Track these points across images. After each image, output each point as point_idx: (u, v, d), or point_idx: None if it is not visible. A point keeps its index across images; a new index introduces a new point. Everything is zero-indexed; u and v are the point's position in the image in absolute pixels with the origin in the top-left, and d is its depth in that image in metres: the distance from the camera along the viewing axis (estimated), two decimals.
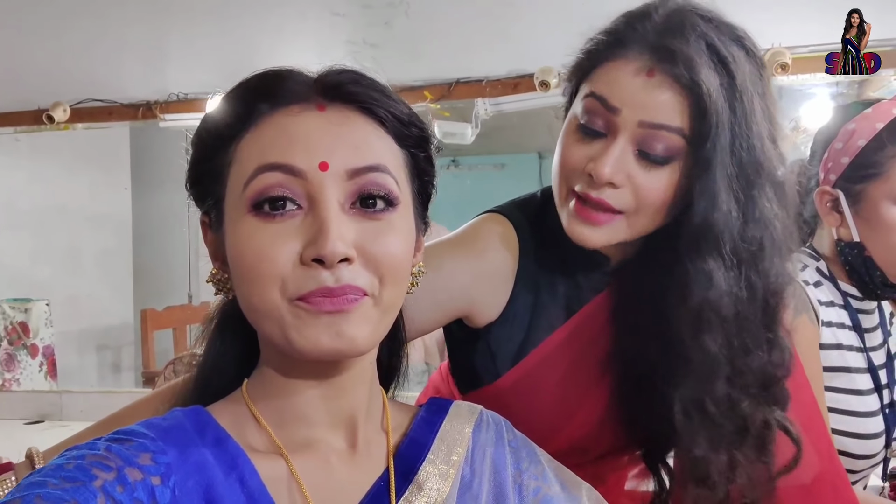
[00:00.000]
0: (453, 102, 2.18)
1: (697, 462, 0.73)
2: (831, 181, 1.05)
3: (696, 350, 0.71)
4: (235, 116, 0.55)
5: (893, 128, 1.00)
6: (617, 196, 0.72)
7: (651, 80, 0.70)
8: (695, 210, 0.70)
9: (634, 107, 0.70)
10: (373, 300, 0.53)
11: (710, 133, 0.68)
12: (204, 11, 2.27)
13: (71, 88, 2.34)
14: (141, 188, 3.12)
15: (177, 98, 2.30)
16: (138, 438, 0.52)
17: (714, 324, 0.70)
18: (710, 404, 0.71)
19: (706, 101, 0.68)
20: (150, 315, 2.87)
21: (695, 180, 0.70)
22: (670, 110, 0.69)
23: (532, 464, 0.63)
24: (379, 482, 0.57)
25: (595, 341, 0.82)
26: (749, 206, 0.71)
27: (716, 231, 0.70)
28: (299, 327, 0.51)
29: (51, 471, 0.48)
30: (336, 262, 0.50)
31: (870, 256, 1.03)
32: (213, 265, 0.58)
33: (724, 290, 0.70)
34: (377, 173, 0.53)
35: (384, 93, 0.56)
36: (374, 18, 2.16)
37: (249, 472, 0.53)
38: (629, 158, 0.71)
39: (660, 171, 0.71)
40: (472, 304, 0.81)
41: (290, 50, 2.15)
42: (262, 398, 0.57)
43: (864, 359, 1.06)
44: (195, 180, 0.58)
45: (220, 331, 0.62)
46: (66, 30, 2.30)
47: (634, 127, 0.71)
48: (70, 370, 2.76)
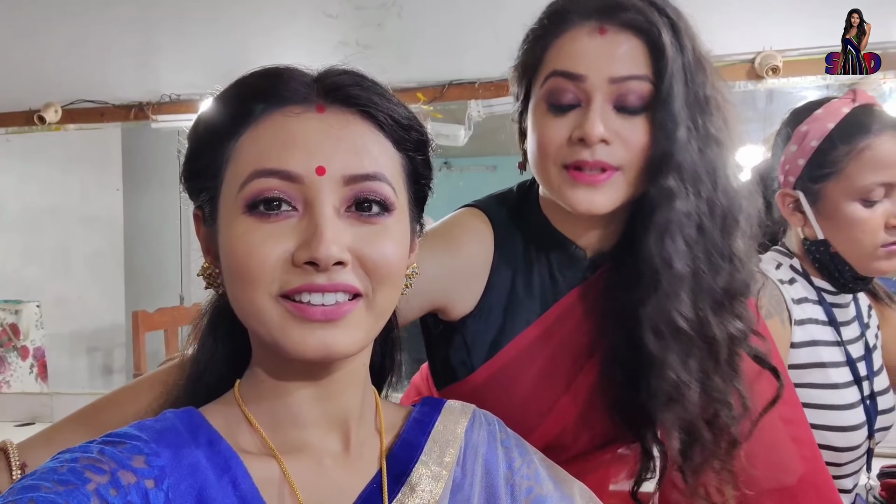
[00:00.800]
0: (446, 104, 2.18)
1: (672, 384, 0.75)
2: (791, 183, 1.08)
3: (663, 266, 0.74)
4: (233, 114, 0.54)
5: (843, 127, 1.03)
6: (611, 152, 0.75)
7: (605, 37, 0.74)
8: (656, 138, 0.74)
9: (599, 67, 0.73)
10: (366, 302, 0.53)
11: (667, 69, 0.73)
12: (196, 12, 2.27)
13: (62, 89, 2.34)
14: (132, 189, 3.11)
15: (169, 99, 2.29)
16: (132, 441, 0.52)
17: (678, 238, 0.74)
18: (679, 319, 0.74)
19: (659, 40, 0.73)
20: (142, 316, 2.86)
21: (656, 114, 0.74)
22: (632, 59, 0.74)
23: (524, 463, 0.64)
24: (371, 484, 0.57)
25: (572, 337, 0.82)
26: (703, 133, 0.75)
27: (675, 156, 0.74)
28: (286, 329, 0.51)
29: (44, 474, 0.47)
30: (330, 266, 0.50)
31: (836, 252, 1.05)
32: (205, 259, 0.58)
33: (685, 207, 0.74)
34: (374, 182, 0.53)
35: (384, 96, 0.55)
36: (367, 20, 2.16)
37: (242, 475, 0.53)
38: (611, 115, 0.74)
39: (638, 120, 0.75)
40: (446, 297, 0.82)
41: (282, 51, 2.14)
42: (254, 399, 0.57)
43: (841, 352, 1.08)
44: (190, 175, 0.58)
45: (212, 328, 0.62)
46: (58, 31, 2.30)
47: (605, 85, 0.74)
48: (61, 372, 2.74)
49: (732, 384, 0.77)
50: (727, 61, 2.00)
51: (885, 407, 1.11)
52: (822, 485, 0.86)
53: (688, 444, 0.78)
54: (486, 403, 0.70)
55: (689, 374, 0.75)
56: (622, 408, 0.80)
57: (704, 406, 0.76)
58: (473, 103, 2.16)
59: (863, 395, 1.07)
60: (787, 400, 0.84)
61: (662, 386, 0.75)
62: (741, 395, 0.77)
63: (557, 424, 0.83)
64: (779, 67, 1.95)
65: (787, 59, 1.97)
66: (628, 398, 0.79)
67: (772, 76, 1.95)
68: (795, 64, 1.98)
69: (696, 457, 0.78)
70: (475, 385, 0.82)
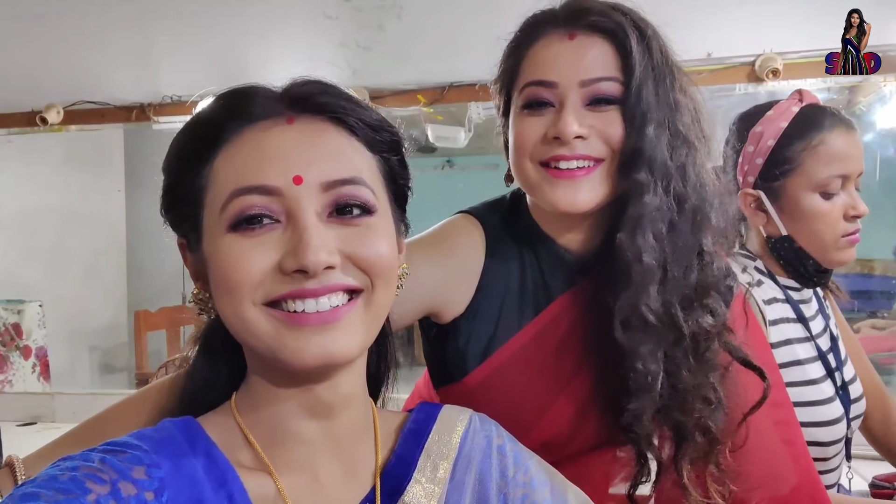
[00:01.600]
0: (446, 106, 2.18)
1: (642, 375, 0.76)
2: (750, 183, 1.11)
3: (634, 260, 0.75)
4: (204, 140, 0.54)
5: (797, 124, 1.08)
6: (588, 145, 0.77)
7: (574, 42, 0.77)
8: (628, 133, 0.77)
9: (569, 73, 0.77)
10: (365, 299, 0.53)
11: (635, 69, 0.76)
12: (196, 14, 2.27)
13: (64, 90, 2.34)
14: (134, 190, 3.12)
15: (170, 100, 2.29)
16: (132, 451, 0.51)
17: (647, 233, 0.76)
18: (647, 312, 0.75)
19: (626, 41, 0.76)
20: (144, 316, 2.87)
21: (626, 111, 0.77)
22: (600, 63, 0.77)
23: (519, 470, 0.63)
24: (365, 501, 0.57)
25: (567, 339, 0.83)
26: (672, 132, 0.77)
27: (645, 151, 0.76)
28: (280, 338, 0.51)
29: (44, 482, 0.47)
30: (320, 271, 0.50)
31: (800, 247, 1.09)
32: (195, 285, 0.58)
33: (655, 201, 0.76)
34: (352, 185, 0.53)
35: (352, 101, 0.56)
36: (367, 21, 2.16)
37: (238, 490, 0.52)
38: (584, 113, 0.77)
39: (611, 113, 0.77)
40: (439, 301, 0.83)
41: (282, 52, 2.14)
42: (251, 412, 0.57)
43: (813, 347, 1.10)
44: (170, 206, 0.58)
45: (206, 353, 0.61)
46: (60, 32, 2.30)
47: (577, 88, 0.77)
48: (62, 371, 2.75)
49: (707, 378, 0.78)
50: (728, 64, 2.00)
51: (856, 395, 1.14)
52: (817, 493, 0.86)
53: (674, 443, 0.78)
54: (482, 404, 0.70)
55: (658, 365, 0.76)
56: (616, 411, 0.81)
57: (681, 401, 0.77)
58: (473, 105, 2.16)
59: (836, 387, 1.10)
60: (779, 402, 0.85)
61: (633, 376, 0.76)
62: (715, 389, 0.78)
63: (553, 425, 0.83)
64: (779, 70, 1.95)
65: (788, 62, 1.97)
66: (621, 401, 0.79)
67: (772, 79, 1.95)
68: (796, 66, 1.98)
69: (682, 454, 0.78)
70: (471, 386, 0.83)
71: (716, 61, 1.96)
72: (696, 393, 0.78)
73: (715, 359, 0.79)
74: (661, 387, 0.77)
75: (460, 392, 0.83)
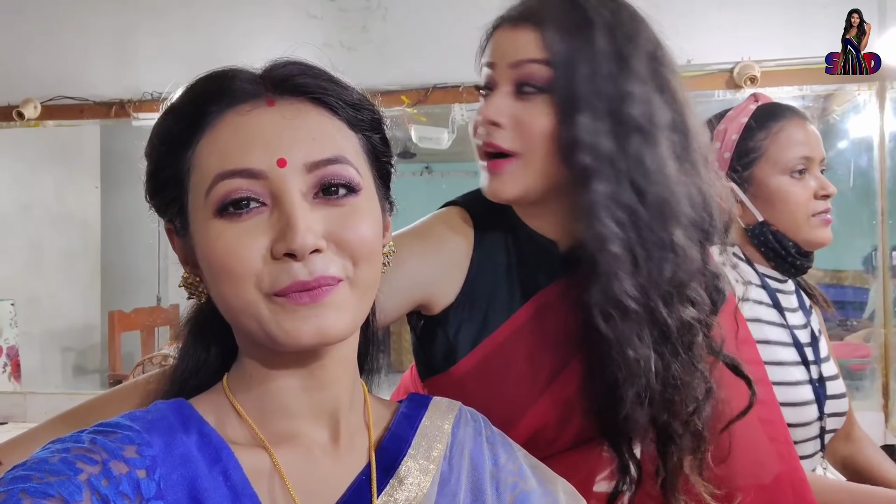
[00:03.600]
0: (430, 107, 2.19)
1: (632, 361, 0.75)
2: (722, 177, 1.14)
3: (596, 247, 0.75)
4: (186, 123, 0.54)
5: (756, 118, 1.16)
6: (503, 136, 0.78)
7: (515, 28, 0.79)
8: (561, 122, 0.76)
9: (503, 54, 0.79)
10: (349, 283, 0.53)
11: (566, 55, 0.76)
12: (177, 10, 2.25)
13: (42, 85, 2.31)
14: (110, 188, 3.07)
15: (150, 97, 2.27)
16: (123, 430, 0.51)
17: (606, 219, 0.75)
18: (625, 298, 0.75)
19: (559, 29, 0.76)
20: (118, 317, 2.82)
21: (559, 100, 0.76)
22: (532, 45, 0.78)
23: (509, 459, 0.64)
24: (361, 476, 0.57)
25: (555, 332, 0.83)
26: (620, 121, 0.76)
27: (581, 139, 0.75)
28: (278, 321, 0.51)
29: (35, 464, 0.47)
30: (307, 255, 0.50)
31: (778, 230, 1.14)
32: (184, 269, 0.58)
33: (604, 188, 0.75)
34: (336, 165, 0.53)
35: (332, 80, 0.56)
36: (351, 21, 2.16)
37: (233, 466, 0.52)
38: (509, 100, 0.78)
39: (536, 102, 0.77)
40: (428, 291, 0.83)
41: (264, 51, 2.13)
42: (243, 391, 0.57)
43: (787, 334, 1.14)
44: (155, 191, 0.58)
45: (195, 337, 0.61)
46: (39, 25, 2.27)
47: (507, 70, 0.78)
48: (34, 371, 2.70)
49: (696, 369, 0.78)
50: (706, 70, 2.04)
51: (834, 392, 1.16)
52: (799, 483, 0.87)
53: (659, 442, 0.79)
54: (469, 395, 0.70)
55: (648, 349, 0.76)
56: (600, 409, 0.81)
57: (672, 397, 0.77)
58: (457, 107, 2.17)
59: (811, 377, 1.13)
60: (765, 400, 0.86)
61: (626, 365, 0.75)
62: (705, 378, 0.78)
63: (540, 418, 0.83)
64: (757, 77, 1.99)
65: (765, 70, 2.01)
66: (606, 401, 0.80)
67: (750, 86, 1.99)
68: (773, 74, 2.02)
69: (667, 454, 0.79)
70: (457, 376, 0.83)
71: (695, 68, 2.00)
72: (688, 387, 0.78)
73: (702, 352, 0.79)
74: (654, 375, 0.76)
75: (448, 382, 0.83)
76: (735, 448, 0.81)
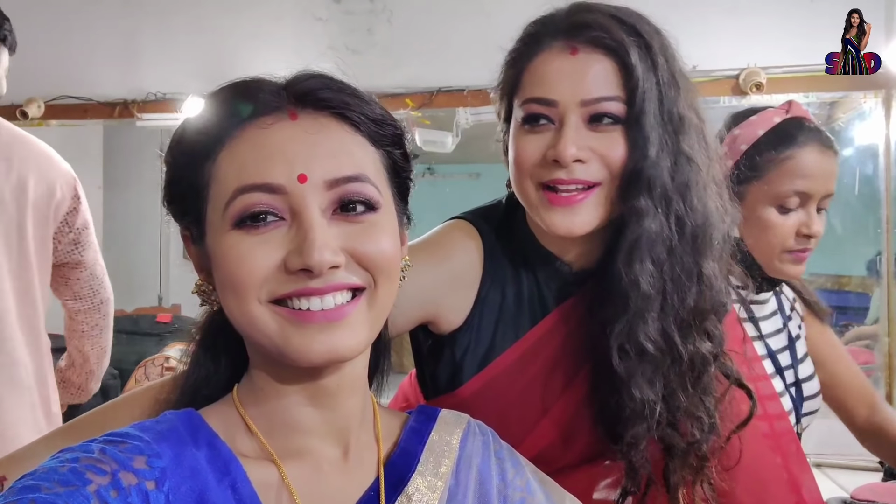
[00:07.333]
0: (434, 111, 2.19)
1: (639, 403, 0.75)
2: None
3: (631, 286, 0.74)
4: (208, 135, 0.54)
5: (772, 134, 1.08)
6: (587, 169, 0.75)
7: (576, 58, 0.74)
8: (629, 157, 0.74)
9: (571, 91, 0.74)
10: (368, 297, 0.53)
11: (638, 88, 0.73)
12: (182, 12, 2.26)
13: (46, 85, 2.31)
14: (112, 188, 3.07)
15: (154, 98, 2.27)
16: (133, 441, 0.51)
17: (646, 258, 0.74)
18: (644, 341, 0.74)
19: (628, 59, 0.73)
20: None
21: (629, 131, 0.74)
22: (603, 81, 0.74)
23: (517, 475, 0.64)
24: (370, 491, 0.57)
25: (561, 352, 0.82)
26: (675, 150, 0.75)
27: (646, 174, 0.73)
28: (287, 336, 0.51)
29: (44, 474, 0.47)
30: (325, 271, 0.50)
31: (748, 251, 1.10)
32: (199, 276, 0.58)
33: (654, 226, 0.74)
34: (357, 183, 0.52)
35: (355, 95, 0.55)
36: (356, 25, 2.16)
37: (241, 479, 0.52)
38: (584, 133, 0.75)
39: (613, 133, 0.75)
40: (436, 310, 0.82)
41: (269, 54, 2.13)
42: (253, 404, 0.56)
43: (762, 346, 1.12)
44: (173, 199, 0.57)
45: (206, 346, 0.61)
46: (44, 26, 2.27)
47: (577, 108, 0.74)
48: None
49: (702, 402, 0.77)
50: (712, 77, 2.03)
51: (810, 393, 1.16)
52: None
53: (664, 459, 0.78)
54: (474, 415, 0.69)
55: (655, 393, 0.75)
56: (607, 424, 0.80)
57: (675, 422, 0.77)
58: (461, 111, 2.17)
59: (786, 384, 1.12)
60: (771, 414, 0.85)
61: (630, 404, 0.75)
62: (710, 412, 0.78)
63: (545, 438, 0.83)
64: (762, 84, 1.99)
65: (771, 77, 2.01)
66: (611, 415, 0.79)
67: (756, 92, 1.98)
68: (779, 81, 2.02)
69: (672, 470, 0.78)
70: (463, 398, 0.82)
71: (701, 73, 1.99)
72: (690, 415, 0.77)
73: (711, 383, 0.78)
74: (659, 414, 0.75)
75: (452, 403, 0.81)
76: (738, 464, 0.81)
